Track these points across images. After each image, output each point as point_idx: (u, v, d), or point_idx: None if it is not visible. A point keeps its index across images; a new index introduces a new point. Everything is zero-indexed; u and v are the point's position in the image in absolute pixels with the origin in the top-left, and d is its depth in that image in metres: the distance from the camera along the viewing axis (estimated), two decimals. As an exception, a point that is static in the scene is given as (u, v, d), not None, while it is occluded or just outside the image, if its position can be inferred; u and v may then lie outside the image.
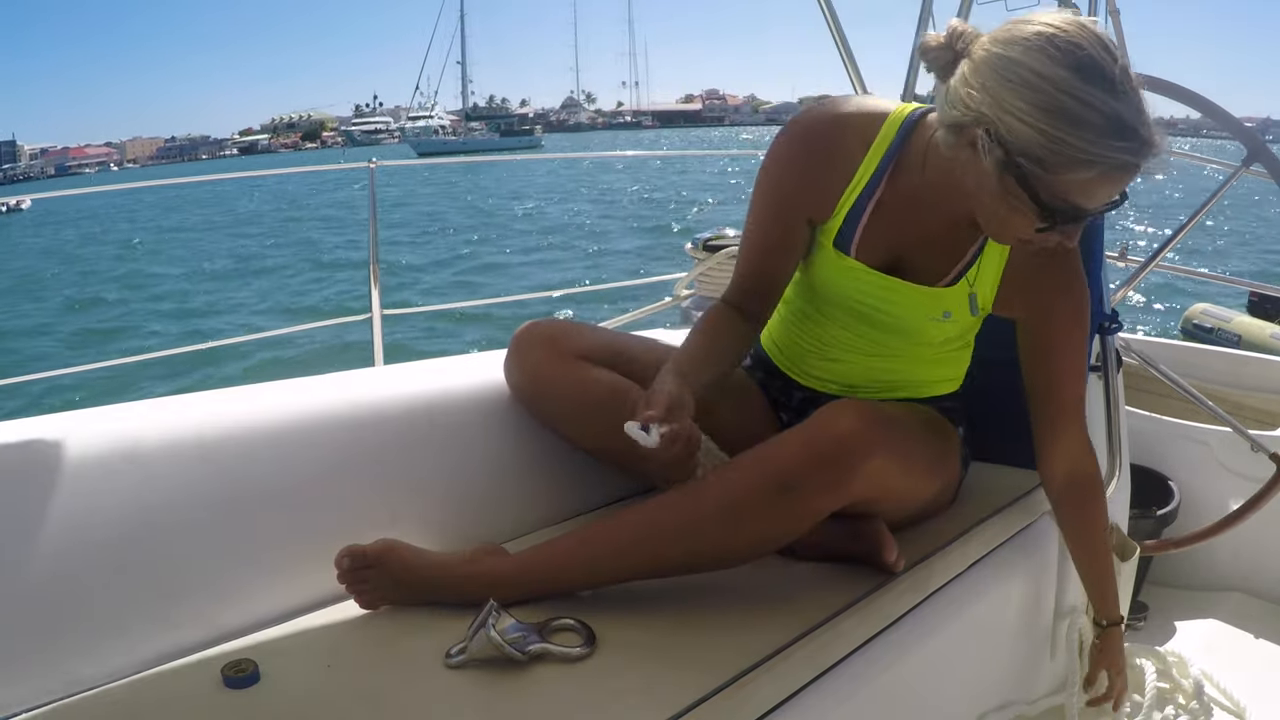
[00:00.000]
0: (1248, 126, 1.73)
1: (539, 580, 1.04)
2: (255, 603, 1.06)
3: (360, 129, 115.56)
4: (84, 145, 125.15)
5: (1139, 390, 2.09)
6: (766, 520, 1.01)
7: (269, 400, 1.19)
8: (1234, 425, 1.71)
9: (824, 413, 1.03)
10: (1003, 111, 0.92)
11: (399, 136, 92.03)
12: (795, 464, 0.98)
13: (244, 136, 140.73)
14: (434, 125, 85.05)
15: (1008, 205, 0.97)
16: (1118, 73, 0.91)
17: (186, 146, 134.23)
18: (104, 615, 0.97)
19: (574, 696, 0.87)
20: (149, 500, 1.02)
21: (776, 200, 1.18)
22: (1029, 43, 0.91)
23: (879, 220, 1.15)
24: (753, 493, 0.99)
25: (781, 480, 0.98)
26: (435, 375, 1.34)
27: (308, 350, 7.71)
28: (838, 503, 1.02)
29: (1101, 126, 0.89)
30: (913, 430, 1.15)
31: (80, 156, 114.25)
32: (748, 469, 1.01)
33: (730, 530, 1.01)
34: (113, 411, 1.11)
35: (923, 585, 1.14)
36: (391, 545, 1.04)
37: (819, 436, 1.00)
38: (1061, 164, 0.91)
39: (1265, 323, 6.16)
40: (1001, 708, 1.32)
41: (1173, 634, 1.77)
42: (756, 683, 0.90)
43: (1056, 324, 1.19)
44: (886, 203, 1.14)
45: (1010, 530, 1.31)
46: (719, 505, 1.00)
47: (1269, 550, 1.88)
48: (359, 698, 0.88)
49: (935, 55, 1.01)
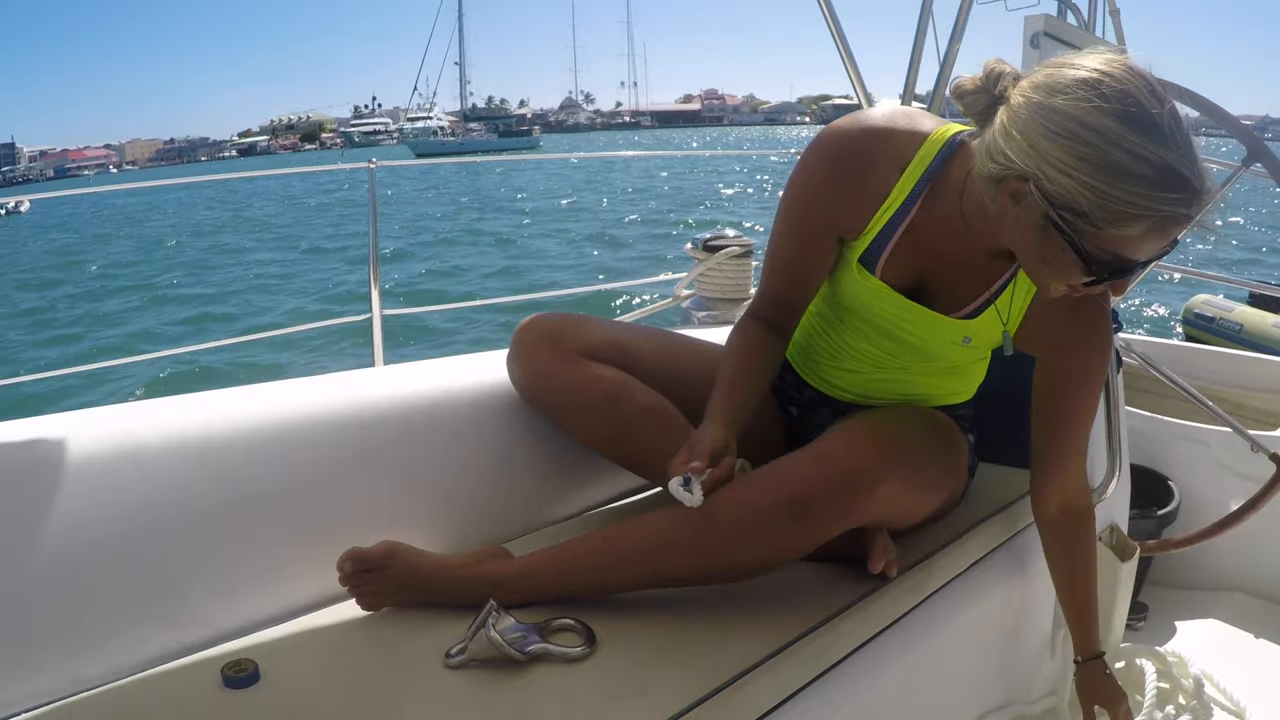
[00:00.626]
0: (1247, 126, 1.73)
1: (542, 584, 1.04)
2: (255, 603, 1.06)
3: (359, 130, 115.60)
4: (83, 147, 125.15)
5: (1139, 390, 2.09)
6: (777, 541, 1.00)
7: (269, 400, 1.19)
8: (1234, 425, 1.71)
9: (838, 437, 1.02)
10: (1046, 164, 0.87)
11: (397, 138, 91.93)
12: (808, 489, 0.98)
13: (243, 138, 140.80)
14: (433, 126, 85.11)
15: (1053, 257, 0.93)
16: (1166, 118, 0.86)
17: (185, 148, 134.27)
18: (105, 615, 0.97)
19: (574, 696, 0.87)
20: (149, 500, 1.02)
21: (808, 216, 1.14)
22: (1073, 91, 0.86)
23: (908, 243, 1.11)
24: (765, 515, 0.99)
25: (794, 504, 0.98)
26: (435, 375, 1.34)
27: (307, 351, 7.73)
28: (848, 526, 1.02)
29: (1152, 179, 0.84)
30: (925, 449, 1.13)
31: (79, 158, 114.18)
32: (761, 490, 1.00)
33: (740, 548, 1.01)
34: (114, 411, 1.11)
35: (923, 586, 1.14)
36: (394, 548, 1.04)
37: (832, 463, 0.99)
38: (1109, 219, 0.86)
39: (1266, 313, 6.18)
40: (1001, 708, 1.32)
41: (1173, 634, 1.77)
42: (756, 683, 0.90)
43: (1075, 367, 1.16)
44: (919, 227, 1.10)
45: (1010, 531, 1.31)
46: (731, 524, 1.00)
47: (1269, 550, 1.88)
48: (359, 698, 0.88)
49: (972, 100, 0.97)
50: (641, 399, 1.20)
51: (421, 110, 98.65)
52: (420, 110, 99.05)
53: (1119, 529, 1.53)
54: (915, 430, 1.15)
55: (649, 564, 1.03)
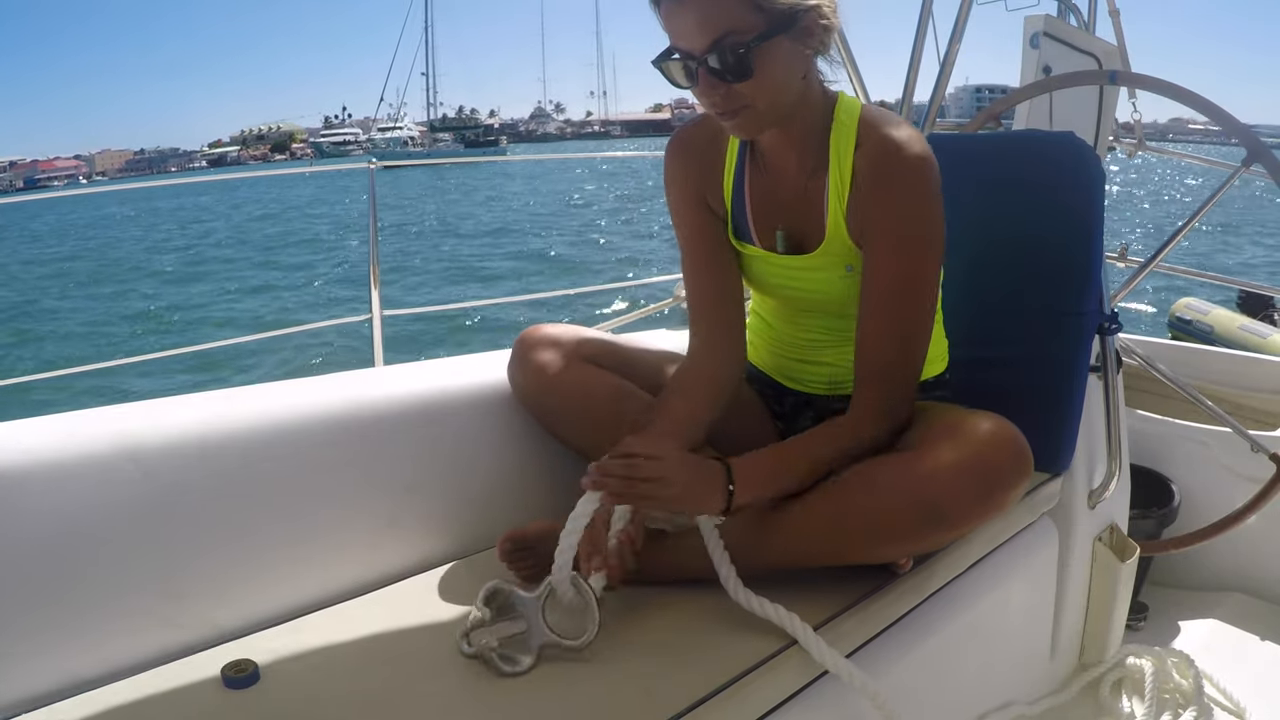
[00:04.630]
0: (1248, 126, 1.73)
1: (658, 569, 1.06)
2: (255, 603, 1.06)
3: (329, 140, 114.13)
4: (53, 158, 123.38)
5: (1139, 390, 2.09)
6: (910, 543, 1.03)
7: (269, 400, 1.19)
8: (1234, 425, 1.71)
9: (973, 434, 1.01)
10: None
11: (367, 148, 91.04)
12: (951, 494, 0.98)
13: (213, 148, 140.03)
14: (403, 136, 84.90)
15: None
16: None
17: (156, 158, 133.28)
18: (105, 615, 0.97)
19: (575, 696, 0.87)
20: (150, 500, 1.02)
21: (681, 210, 1.23)
22: None
23: (760, 202, 1.19)
24: (902, 520, 0.99)
25: (934, 509, 0.98)
26: (435, 375, 1.34)
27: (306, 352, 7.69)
28: (982, 525, 1.03)
29: None
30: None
31: (49, 169, 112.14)
32: (896, 493, 0.99)
33: (869, 549, 1.03)
34: (114, 411, 1.11)
35: (923, 586, 1.14)
36: (549, 527, 1.06)
37: (975, 463, 0.99)
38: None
39: (1236, 315, 6.31)
40: (1002, 708, 1.32)
41: (1173, 634, 1.77)
42: (756, 683, 0.90)
43: (871, 247, 1.10)
44: (756, 186, 1.19)
45: (1010, 530, 1.31)
46: (864, 527, 1.01)
47: (1269, 550, 1.88)
48: (359, 698, 0.88)
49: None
50: (642, 401, 1.21)
51: (391, 120, 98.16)
52: (390, 120, 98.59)
53: (1119, 529, 1.53)
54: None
55: (779, 558, 1.04)
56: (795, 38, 1.02)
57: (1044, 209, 1.41)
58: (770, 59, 1.00)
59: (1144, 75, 2.02)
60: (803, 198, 1.16)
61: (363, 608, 1.09)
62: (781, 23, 0.99)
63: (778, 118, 1.08)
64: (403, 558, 1.20)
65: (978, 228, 1.35)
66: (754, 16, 0.98)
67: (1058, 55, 2.28)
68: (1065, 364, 1.39)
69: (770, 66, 1.01)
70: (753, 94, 1.02)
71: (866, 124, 1.11)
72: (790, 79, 1.05)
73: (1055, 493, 1.39)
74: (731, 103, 1.02)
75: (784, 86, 1.05)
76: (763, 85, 1.01)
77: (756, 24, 0.98)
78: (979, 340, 1.37)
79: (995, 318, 1.43)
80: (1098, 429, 1.46)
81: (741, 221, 1.21)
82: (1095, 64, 2.45)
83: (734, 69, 0.99)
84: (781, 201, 1.18)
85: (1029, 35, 2.25)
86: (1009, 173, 1.47)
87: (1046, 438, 1.35)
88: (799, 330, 1.27)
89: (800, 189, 1.16)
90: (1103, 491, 1.44)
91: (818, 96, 1.12)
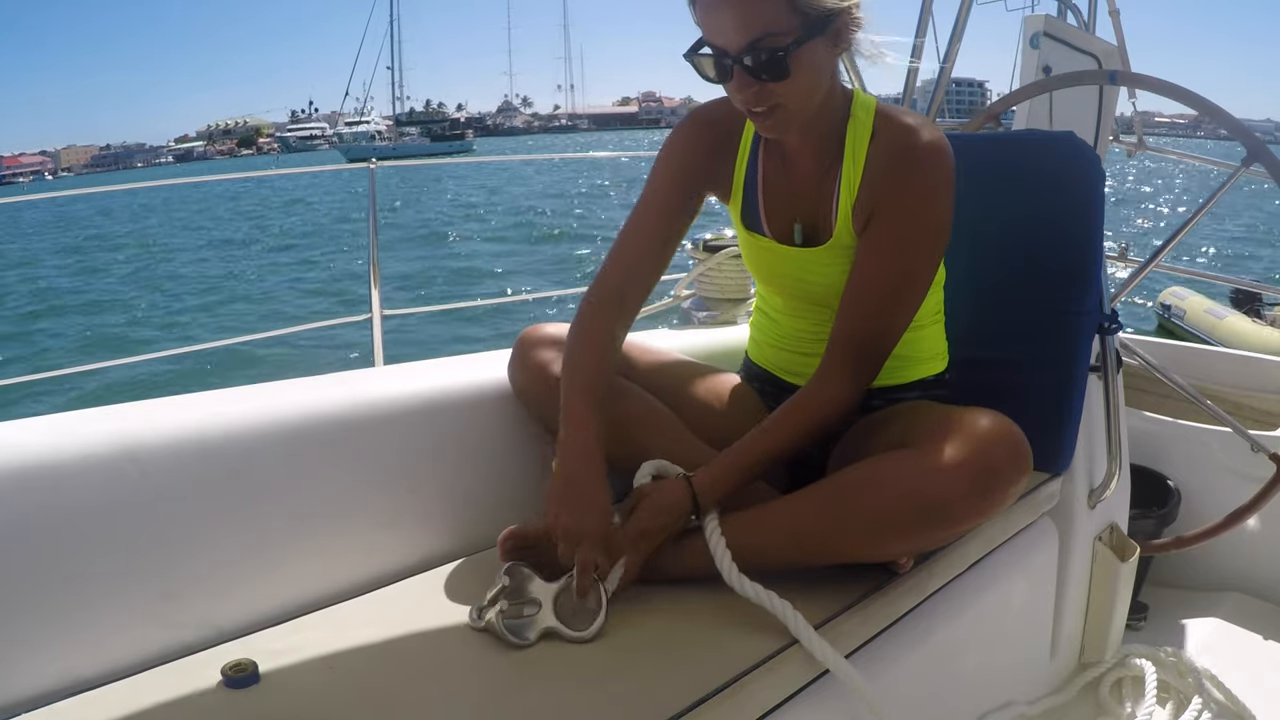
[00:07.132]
0: (1248, 126, 1.73)
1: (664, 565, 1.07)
2: (255, 603, 1.06)
3: (295, 135, 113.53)
4: (18, 154, 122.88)
5: (1139, 390, 2.09)
6: (910, 540, 1.03)
7: (269, 400, 1.19)
8: (1234, 425, 1.71)
9: (972, 430, 1.00)
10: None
11: (334, 142, 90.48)
12: (951, 490, 0.97)
13: (180, 144, 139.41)
14: (369, 131, 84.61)
15: None
16: None
17: (122, 154, 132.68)
18: (105, 615, 0.97)
19: (574, 696, 0.87)
20: (149, 500, 1.02)
21: (678, 170, 1.21)
22: None
23: (773, 193, 1.20)
24: (903, 517, 0.99)
25: (934, 506, 0.98)
26: (435, 375, 1.34)
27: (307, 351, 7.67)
28: (981, 521, 1.03)
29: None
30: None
31: (14, 165, 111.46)
32: (896, 490, 0.99)
33: (870, 547, 1.03)
34: (114, 411, 1.11)
35: (923, 585, 1.14)
36: None
37: (974, 459, 0.98)
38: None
39: (1205, 300, 7.20)
40: (1002, 708, 1.32)
41: (1173, 634, 1.77)
42: (756, 683, 0.90)
43: (876, 223, 1.11)
44: (770, 177, 1.20)
45: (1010, 530, 1.31)
46: (865, 525, 1.01)
47: (1269, 550, 1.88)
48: (359, 698, 0.88)
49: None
50: (639, 398, 1.22)
51: (357, 115, 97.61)
52: (356, 115, 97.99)
53: (1119, 529, 1.53)
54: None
55: (781, 557, 1.05)
56: (829, 39, 1.03)
57: (1044, 209, 1.42)
58: (805, 61, 1.01)
59: (1144, 75, 2.02)
60: (816, 191, 1.17)
61: (363, 607, 1.08)
62: (818, 25, 1.00)
63: (807, 117, 1.09)
64: (403, 557, 1.20)
65: (978, 227, 1.35)
66: (792, 18, 0.98)
67: (1058, 55, 2.28)
68: (1065, 363, 1.39)
69: (805, 68, 1.01)
70: (786, 94, 1.03)
71: (883, 116, 1.14)
72: (822, 80, 1.06)
73: (1055, 492, 1.39)
74: (763, 101, 1.03)
75: (816, 87, 1.06)
76: (796, 86, 1.02)
77: (794, 26, 0.98)
78: (979, 340, 1.37)
79: (995, 317, 1.43)
80: (1098, 429, 1.46)
81: (753, 211, 1.21)
82: (1095, 64, 2.46)
83: (770, 70, 1.00)
84: (795, 194, 1.19)
85: (1029, 35, 2.25)
86: (1009, 173, 1.47)
87: (1046, 437, 1.35)
88: (806, 323, 1.28)
89: (815, 183, 1.17)
90: (1103, 491, 1.44)
91: (837, 93, 1.13)
